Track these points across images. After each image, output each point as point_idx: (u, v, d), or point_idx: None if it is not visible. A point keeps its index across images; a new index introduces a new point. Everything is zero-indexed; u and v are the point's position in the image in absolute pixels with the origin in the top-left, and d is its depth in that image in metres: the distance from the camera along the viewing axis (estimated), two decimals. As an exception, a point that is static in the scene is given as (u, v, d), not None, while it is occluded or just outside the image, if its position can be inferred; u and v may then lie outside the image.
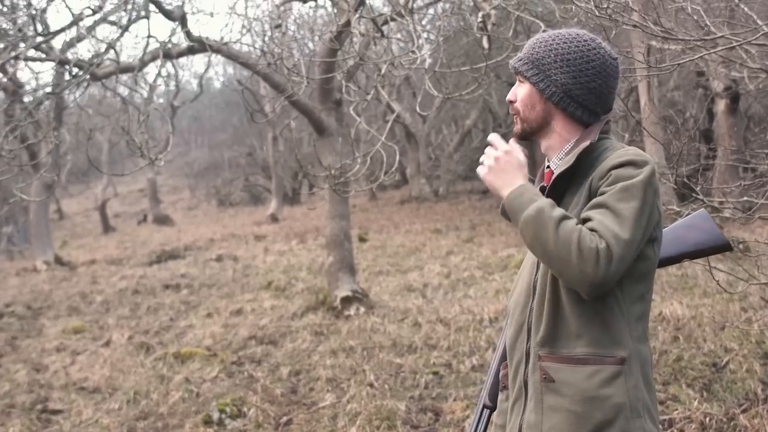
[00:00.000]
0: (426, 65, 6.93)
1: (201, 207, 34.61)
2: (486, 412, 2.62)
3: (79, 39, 8.66)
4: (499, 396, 2.59)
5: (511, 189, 2.30)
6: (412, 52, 7.05)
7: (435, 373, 7.01)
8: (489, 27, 7.12)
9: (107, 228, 27.58)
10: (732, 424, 5.07)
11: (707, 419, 5.15)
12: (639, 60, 5.51)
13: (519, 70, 2.45)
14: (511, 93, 2.50)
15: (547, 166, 2.50)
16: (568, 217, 2.18)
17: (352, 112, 8.13)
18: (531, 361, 2.36)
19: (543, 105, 2.42)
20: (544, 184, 2.46)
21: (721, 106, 14.41)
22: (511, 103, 2.50)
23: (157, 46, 8.78)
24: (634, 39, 8.18)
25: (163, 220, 28.65)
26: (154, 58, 9.10)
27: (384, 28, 7.98)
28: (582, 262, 2.10)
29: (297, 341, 8.64)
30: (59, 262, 18.02)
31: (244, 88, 11.40)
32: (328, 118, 9.83)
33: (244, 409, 6.42)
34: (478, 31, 7.27)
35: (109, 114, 23.68)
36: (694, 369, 6.10)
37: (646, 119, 10.47)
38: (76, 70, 8.42)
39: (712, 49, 4.93)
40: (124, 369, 8.23)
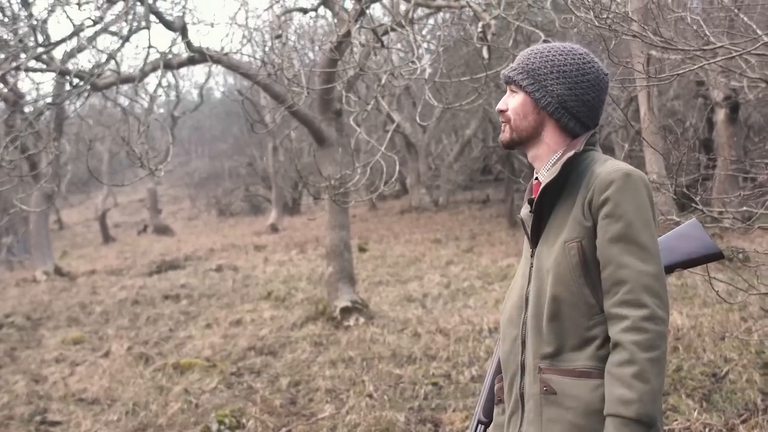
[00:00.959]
0: (426, 75, 6.93)
1: (201, 217, 34.61)
2: (481, 427, 2.61)
3: (79, 49, 8.65)
4: (495, 410, 2.58)
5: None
6: (413, 62, 7.05)
7: (434, 383, 6.99)
8: (489, 37, 7.14)
9: (107, 238, 27.58)
10: (732, 434, 5.05)
11: (707, 430, 5.14)
12: (638, 70, 5.51)
13: (513, 80, 2.45)
14: (501, 102, 2.50)
15: (536, 178, 2.50)
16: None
17: (352, 122, 8.14)
18: (527, 374, 2.36)
19: (536, 115, 2.42)
20: (532, 197, 2.46)
21: (720, 115, 14.41)
22: (501, 112, 2.49)
23: (157, 56, 8.78)
24: (634, 49, 8.19)
25: (163, 230, 28.65)
26: (154, 69, 9.10)
27: (384, 39, 7.99)
28: (663, 348, 2.22)
29: (296, 352, 8.62)
30: (59, 272, 18.00)
31: (244, 98, 11.42)
32: (328, 128, 9.84)
33: (243, 420, 6.40)
34: (478, 41, 7.28)
35: (109, 124, 23.74)
36: (693, 379, 6.08)
37: (646, 129, 10.48)
38: (76, 81, 8.42)
39: (711, 59, 4.93)
40: (123, 380, 8.21)
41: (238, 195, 34.97)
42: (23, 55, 7.93)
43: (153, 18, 8.39)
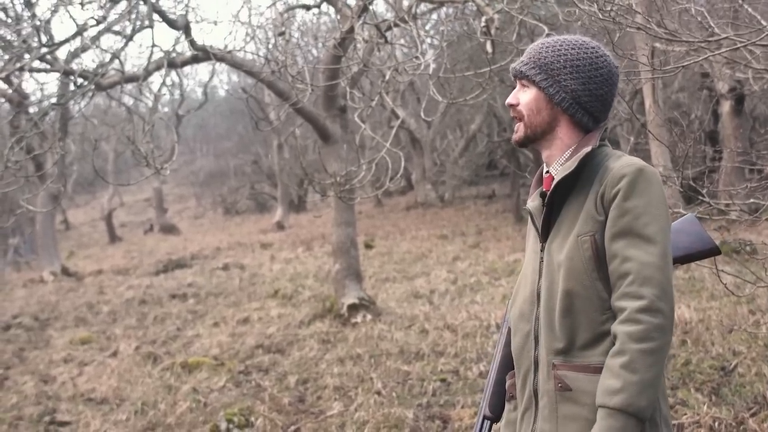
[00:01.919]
0: (430, 70, 6.93)
1: (207, 215, 34.64)
2: (487, 423, 2.59)
3: (83, 49, 8.64)
4: (506, 406, 2.56)
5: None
6: (416, 57, 7.04)
7: (442, 380, 6.99)
8: (492, 31, 7.11)
9: (114, 238, 27.62)
10: (741, 428, 5.03)
11: (716, 424, 5.12)
12: (643, 62, 5.49)
13: (526, 74, 2.42)
14: (512, 97, 2.46)
15: (546, 171, 2.48)
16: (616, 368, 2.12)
17: (356, 118, 8.12)
18: (541, 370, 2.34)
19: (549, 110, 2.40)
20: (544, 189, 2.45)
21: (726, 107, 14.37)
22: (512, 106, 2.46)
23: (161, 55, 8.77)
24: (638, 41, 8.16)
25: (169, 230, 28.69)
26: (158, 68, 9.10)
27: (387, 34, 7.98)
28: (659, 340, 2.12)
29: (304, 350, 8.62)
30: (66, 272, 18.04)
31: (248, 96, 11.41)
32: (333, 125, 9.83)
33: (252, 418, 6.40)
34: (482, 35, 7.26)
35: (114, 124, 23.73)
36: (702, 373, 6.06)
37: (651, 122, 10.45)
38: (80, 81, 8.41)
39: (716, 51, 4.91)
40: (131, 379, 8.22)
41: (243, 193, 34.99)
42: (27, 56, 7.93)
43: (156, 17, 8.38)
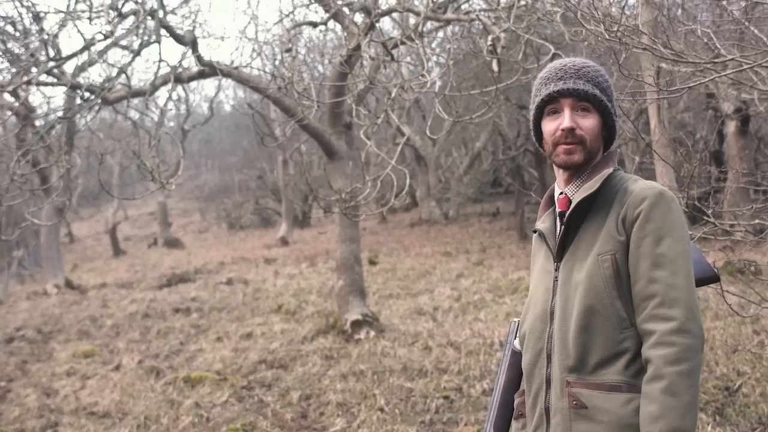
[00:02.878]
0: (436, 88, 6.95)
1: (211, 230, 34.63)
2: None
3: (90, 63, 8.68)
4: (514, 424, 2.56)
5: None
6: (422, 75, 7.07)
7: (446, 397, 6.98)
8: (498, 50, 7.14)
9: (118, 251, 27.63)
10: (746, 449, 5.02)
11: (721, 444, 5.11)
12: (649, 83, 5.51)
13: (598, 98, 2.39)
14: (569, 120, 2.37)
15: (561, 193, 2.49)
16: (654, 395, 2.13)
17: (362, 135, 8.16)
18: (553, 388, 2.35)
19: (601, 136, 2.44)
20: (560, 210, 2.46)
21: (731, 127, 14.37)
22: (571, 130, 2.38)
23: (168, 70, 8.82)
24: (644, 61, 8.18)
25: (173, 244, 28.69)
26: (165, 82, 9.14)
27: (394, 52, 8.01)
28: (693, 360, 2.13)
29: (307, 365, 8.61)
30: (70, 285, 18.05)
31: (254, 111, 11.44)
32: (339, 141, 9.85)
33: (254, 433, 6.40)
34: (488, 54, 7.29)
35: (120, 138, 23.83)
36: (706, 393, 6.05)
37: (657, 141, 10.45)
38: (87, 95, 8.46)
39: (722, 72, 4.93)
40: (134, 393, 8.21)
41: (248, 208, 35.01)
42: (34, 69, 7.98)
43: (164, 32, 8.43)
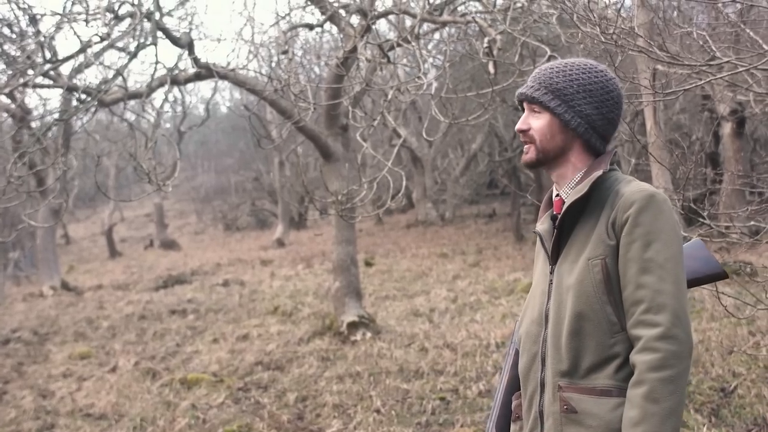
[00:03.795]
0: (432, 90, 6.96)
1: (207, 232, 34.63)
2: None
3: (87, 65, 8.68)
4: (512, 427, 2.57)
5: None
6: (419, 77, 7.07)
7: (442, 398, 6.98)
8: (495, 52, 7.16)
9: (114, 253, 27.60)
10: (742, 450, 5.03)
11: (717, 445, 5.12)
12: (645, 85, 5.52)
13: (538, 100, 2.40)
14: (522, 122, 2.44)
15: (557, 195, 2.49)
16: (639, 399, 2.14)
17: (358, 137, 8.15)
18: (547, 391, 2.35)
19: (563, 135, 2.40)
20: (555, 213, 2.46)
21: (727, 129, 14.38)
22: (523, 132, 2.44)
23: (164, 72, 8.82)
24: (640, 64, 8.19)
25: (169, 245, 28.67)
26: (161, 84, 9.15)
27: (390, 54, 8.02)
28: (677, 367, 2.12)
29: (303, 367, 8.61)
30: (66, 287, 18.02)
31: (250, 113, 11.43)
32: (335, 143, 9.86)
33: (251, 435, 6.40)
34: (484, 56, 7.31)
35: (116, 139, 23.74)
36: (702, 394, 6.06)
37: (652, 143, 10.47)
38: (83, 97, 8.45)
39: (717, 74, 4.94)
40: (130, 395, 8.21)
41: (244, 210, 35.03)
42: (31, 72, 7.98)
43: (160, 34, 8.43)
